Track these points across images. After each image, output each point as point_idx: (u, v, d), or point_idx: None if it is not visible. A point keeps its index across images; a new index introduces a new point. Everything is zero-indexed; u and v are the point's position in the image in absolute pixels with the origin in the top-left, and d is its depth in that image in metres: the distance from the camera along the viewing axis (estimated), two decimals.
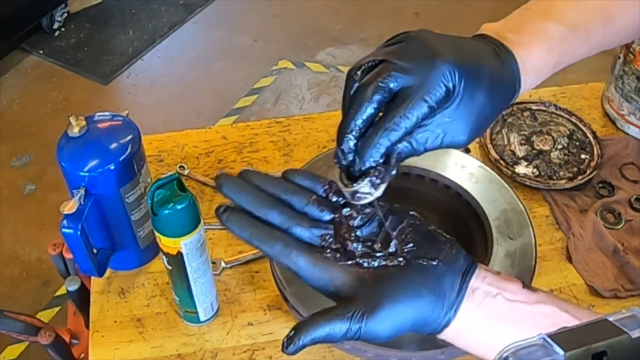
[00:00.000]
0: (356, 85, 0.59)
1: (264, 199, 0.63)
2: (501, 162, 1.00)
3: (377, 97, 0.57)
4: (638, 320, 0.37)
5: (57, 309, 1.90)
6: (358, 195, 0.60)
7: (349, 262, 0.60)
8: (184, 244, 0.73)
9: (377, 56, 0.60)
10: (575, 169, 0.99)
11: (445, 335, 0.59)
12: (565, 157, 1.01)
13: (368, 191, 0.59)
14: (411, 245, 0.61)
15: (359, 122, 0.58)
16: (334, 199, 0.64)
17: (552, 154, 1.01)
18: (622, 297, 0.86)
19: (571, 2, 0.68)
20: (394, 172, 0.59)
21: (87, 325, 0.90)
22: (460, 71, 0.58)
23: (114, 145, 0.79)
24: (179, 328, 0.84)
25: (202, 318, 0.83)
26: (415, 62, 0.58)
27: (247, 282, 0.88)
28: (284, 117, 1.09)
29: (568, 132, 1.04)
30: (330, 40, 2.76)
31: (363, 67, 0.60)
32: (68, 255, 1.00)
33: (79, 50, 2.70)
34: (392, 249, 0.61)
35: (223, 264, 0.89)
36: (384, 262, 0.60)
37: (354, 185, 0.60)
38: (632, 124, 1.05)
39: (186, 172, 1.00)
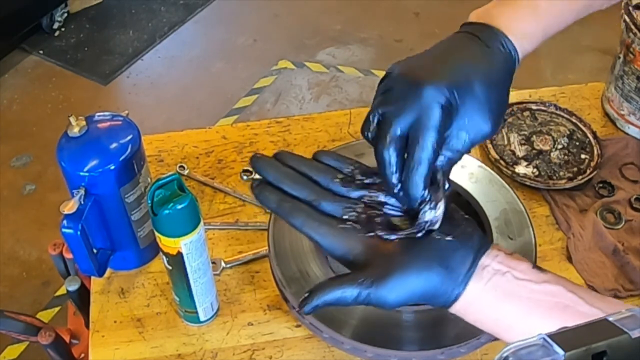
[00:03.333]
0: (373, 140, 0.65)
1: (292, 175, 0.68)
2: (501, 162, 1.00)
3: (393, 146, 0.62)
4: (638, 320, 0.37)
5: (57, 309, 1.90)
6: (427, 224, 0.63)
7: (368, 234, 0.64)
8: (184, 244, 0.73)
9: (376, 110, 0.64)
10: (575, 169, 0.99)
11: (455, 309, 0.62)
12: (565, 157, 1.01)
13: (431, 217, 0.63)
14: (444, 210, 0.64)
15: (392, 171, 0.63)
16: (359, 177, 0.68)
17: (552, 154, 1.01)
18: (622, 297, 0.86)
19: None
20: (446, 187, 0.64)
21: (87, 325, 0.90)
22: (449, 85, 0.62)
23: (114, 145, 0.79)
24: (179, 328, 0.84)
25: (202, 318, 0.83)
26: (406, 100, 0.62)
27: (247, 282, 0.88)
28: (284, 117, 1.09)
29: (568, 132, 1.04)
30: (330, 40, 2.76)
31: (371, 125, 0.64)
32: (68, 255, 1.00)
33: (79, 50, 2.70)
34: (427, 212, 0.63)
35: (223, 264, 0.89)
36: (401, 236, 0.63)
37: (419, 220, 0.63)
38: (632, 124, 1.05)
39: (186, 172, 1.00)
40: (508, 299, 0.60)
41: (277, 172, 0.68)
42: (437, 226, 0.63)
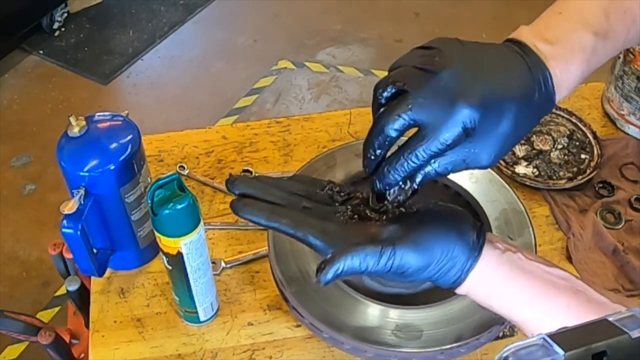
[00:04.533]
0: (381, 102, 0.61)
1: (277, 186, 0.67)
2: (501, 162, 1.00)
3: (396, 127, 0.59)
4: (638, 320, 0.37)
5: (57, 309, 1.90)
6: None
7: (368, 224, 0.64)
8: (184, 244, 0.73)
9: (403, 78, 0.60)
10: (575, 169, 0.99)
11: (468, 284, 0.61)
12: (565, 157, 1.01)
13: (392, 199, 0.63)
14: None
15: (377, 150, 0.60)
16: (337, 193, 0.68)
17: (552, 154, 1.01)
18: None
19: (598, 3, 0.66)
20: (415, 187, 0.62)
21: (87, 325, 0.90)
22: (481, 109, 0.58)
23: (114, 145, 0.79)
24: (179, 328, 0.84)
25: (202, 318, 0.83)
26: (434, 102, 0.58)
27: (247, 282, 0.88)
28: (284, 117, 1.08)
29: (568, 132, 1.04)
30: (330, 40, 2.76)
31: (389, 88, 0.60)
32: (68, 255, 1.00)
33: (79, 50, 2.70)
34: (392, 194, 0.63)
35: (223, 264, 0.89)
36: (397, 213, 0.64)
37: (381, 207, 0.64)
38: (632, 124, 1.05)
39: (186, 172, 1.00)
40: (525, 275, 0.60)
41: (260, 186, 0.66)
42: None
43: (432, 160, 0.60)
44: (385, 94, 0.60)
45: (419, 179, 0.61)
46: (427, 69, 0.59)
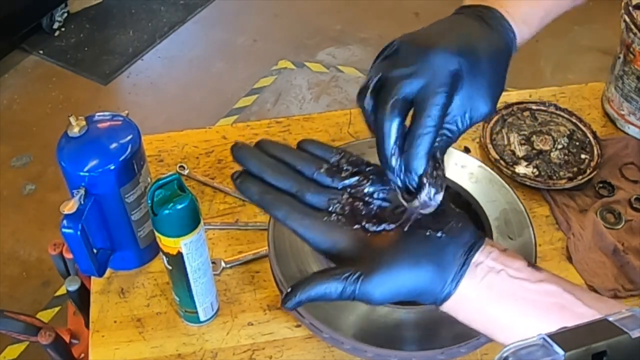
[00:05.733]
0: (371, 108, 0.61)
1: (274, 165, 0.65)
2: (501, 162, 1.00)
3: (397, 111, 0.59)
4: (638, 320, 0.37)
5: (57, 309, 1.90)
6: (426, 204, 0.60)
7: (354, 227, 0.62)
8: (184, 244, 0.73)
9: (377, 74, 0.61)
10: (575, 169, 0.99)
11: (446, 307, 0.60)
12: (565, 157, 1.01)
13: (432, 198, 0.59)
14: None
15: (392, 142, 0.59)
16: (346, 167, 0.66)
17: (552, 154, 1.01)
18: (622, 297, 0.86)
19: None
20: (445, 167, 0.61)
21: (87, 325, 0.90)
22: (459, 52, 0.60)
23: (114, 145, 0.79)
24: (179, 328, 0.84)
25: (202, 318, 0.83)
26: (415, 64, 0.60)
27: (247, 282, 0.88)
28: (284, 117, 1.08)
29: (568, 132, 1.04)
30: (330, 40, 2.76)
31: (370, 89, 0.61)
32: (68, 255, 1.00)
33: (79, 50, 2.70)
34: (429, 195, 0.60)
35: (223, 264, 0.89)
36: (388, 228, 0.61)
37: (417, 198, 0.60)
38: (632, 124, 1.05)
39: (186, 172, 1.00)
40: (503, 299, 0.57)
41: (259, 162, 0.65)
42: (429, 210, 0.60)
43: (440, 130, 0.60)
44: (367, 99, 0.61)
45: (438, 154, 0.60)
46: (386, 54, 0.63)
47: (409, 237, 0.60)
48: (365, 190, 0.64)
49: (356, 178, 0.65)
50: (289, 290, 0.60)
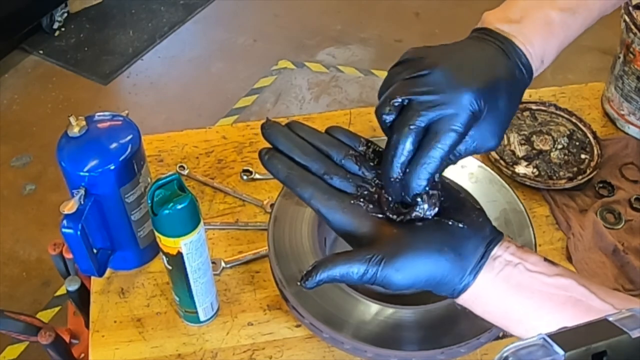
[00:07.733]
0: (389, 121, 0.62)
1: (304, 146, 0.66)
2: (501, 162, 1.00)
3: (413, 136, 0.60)
4: (638, 320, 0.37)
5: (57, 309, 1.90)
6: (417, 217, 0.62)
7: (379, 215, 0.63)
8: (184, 244, 0.73)
9: (403, 94, 0.61)
10: (575, 169, 0.99)
11: (463, 299, 0.61)
12: (565, 157, 1.01)
13: (424, 214, 0.62)
14: (441, 207, 0.63)
15: (400, 162, 0.61)
16: (372, 157, 0.67)
17: (552, 154, 1.01)
18: None
19: None
20: (439, 186, 0.63)
21: (87, 325, 0.90)
22: (484, 95, 0.61)
23: (114, 145, 0.79)
24: (179, 328, 0.84)
25: (202, 318, 0.83)
26: (441, 95, 0.60)
27: (247, 282, 0.88)
28: (284, 117, 1.08)
29: (568, 132, 1.04)
30: (330, 40, 2.76)
31: (390, 107, 0.62)
32: (68, 255, 1.00)
33: (79, 50, 2.70)
34: (422, 210, 0.62)
35: (223, 264, 0.89)
36: (413, 218, 0.62)
37: (412, 212, 0.62)
38: (632, 124, 1.05)
39: (186, 172, 1.00)
40: (520, 291, 0.59)
41: (288, 140, 0.66)
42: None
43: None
44: (390, 116, 0.62)
45: (436, 176, 0.62)
46: (417, 75, 0.62)
47: (431, 226, 0.62)
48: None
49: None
50: (309, 268, 0.60)
